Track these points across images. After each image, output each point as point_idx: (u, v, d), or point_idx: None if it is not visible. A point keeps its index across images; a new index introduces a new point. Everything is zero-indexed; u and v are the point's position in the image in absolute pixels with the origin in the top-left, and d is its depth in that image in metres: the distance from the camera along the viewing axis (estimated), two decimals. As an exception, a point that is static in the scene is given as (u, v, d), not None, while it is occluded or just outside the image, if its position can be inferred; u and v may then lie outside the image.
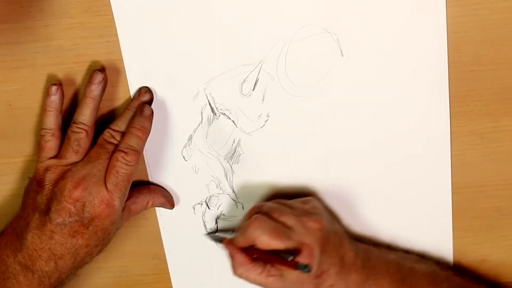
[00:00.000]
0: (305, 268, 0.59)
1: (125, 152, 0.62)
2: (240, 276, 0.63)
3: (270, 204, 0.65)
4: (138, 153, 0.63)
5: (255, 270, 0.62)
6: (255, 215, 0.63)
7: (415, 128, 0.67)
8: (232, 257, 0.63)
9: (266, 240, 0.61)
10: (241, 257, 0.62)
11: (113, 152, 0.63)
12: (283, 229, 0.62)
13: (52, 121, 0.63)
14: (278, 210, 0.63)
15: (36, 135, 0.66)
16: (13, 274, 0.62)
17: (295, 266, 0.60)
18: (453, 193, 0.69)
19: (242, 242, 0.63)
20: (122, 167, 0.62)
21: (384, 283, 0.65)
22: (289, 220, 0.63)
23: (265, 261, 0.62)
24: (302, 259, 0.61)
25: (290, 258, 0.61)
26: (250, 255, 0.62)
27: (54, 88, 0.63)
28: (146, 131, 0.63)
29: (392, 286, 0.65)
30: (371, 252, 0.67)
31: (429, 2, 0.62)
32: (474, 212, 0.70)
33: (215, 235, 0.70)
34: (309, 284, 0.63)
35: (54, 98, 0.63)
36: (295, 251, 0.61)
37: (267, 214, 0.63)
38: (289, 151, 0.68)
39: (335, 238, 0.64)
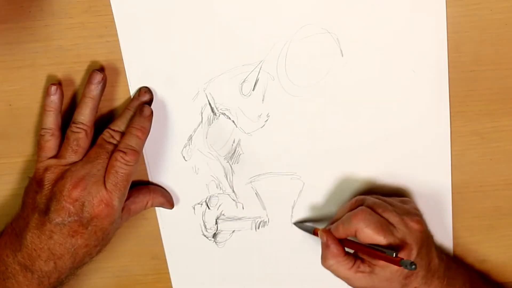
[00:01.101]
0: (412, 265, 0.59)
1: (124, 152, 0.62)
2: (329, 267, 0.64)
3: (373, 198, 0.65)
4: (137, 153, 0.63)
5: (346, 264, 0.63)
6: (360, 207, 0.63)
7: (415, 128, 0.67)
8: (327, 246, 0.63)
9: (370, 234, 0.61)
10: (336, 248, 0.63)
11: (113, 152, 0.63)
12: (387, 225, 0.62)
13: (51, 121, 0.63)
14: (381, 206, 0.64)
15: (36, 135, 0.66)
16: (13, 274, 0.62)
17: (400, 262, 0.59)
18: (453, 193, 0.69)
19: (342, 232, 0.63)
20: (121, 167, 0.62)
21: None
22: (392, 217, 0.63)
23: (361, 253, 0.63)
24: (401, 257, 0.61)
25: (393, 254, 0.60)
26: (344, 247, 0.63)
27: (53, 88, 0.63)
28: (146, 131, 0.63)
29: None
30: (451, 263, 0.68)
31: (429, 2, 0.62)
32: (474, 212, 0.70)
33: (305, 224, 0.70)
34: (396, 284, 0.63)
35: (54, 98, 0.63)
36: (395, 249, 0.61)
37: (371, 208, 0.63)
38: (289, 151, 0.68)
39: (428, 242, 0.65)
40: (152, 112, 0.64)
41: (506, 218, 0.71)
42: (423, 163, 0.68)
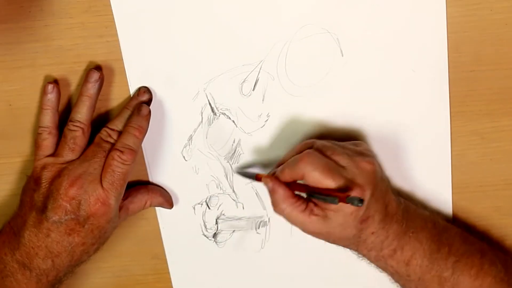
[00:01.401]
0: (359, 201, 0.56)
1: (121, 151, 0.62)
2: (282, 212, 0.61)
3: (322, 141, 0.62)
4: (135, 152, 0.62)
5: (298, 206, 0.61)
6: (307, 150, 0.61)
7: (415, 128, 0.67)
8: (274, 191, 0.61)
9: (317, 177, 0.59)
10: (285, 191, 0.61)
11: (110, 151, 0.63)
12: (336, 167, 0.60)
13: (48, 119, 0.63)
14: (331, 148, 0.61)
15: (35, 135, 0.66)
16: (11, 272, 0.62)
17: (347, 199, 0.57)
18: (453, 193, 0.69)
19: (288, 176, 0.61)
20: (118, 166, 0.62)
21: (422, 237, 0.63)
22: (342, 159, 0.60)
23: (309, 195, 0.60)
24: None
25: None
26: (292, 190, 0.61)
27: (50, 86, 0.63)
28: (143, 131, 0.63)
29: (429, 241, 0.63)
30: (410, 206, 0.66)
31: (429, 2, 0.62)
32: (474, 212, 0.70)
33: (245, 171, 0.68)
34: (352, 229, 0.61)
35: (51, 96, 0.63)
36: (345, 191, 0.59)
37: (320, 151, 0.61)
38: (286, 151, 0.67)
39: (382, 185, 0.62)
40: (150, 112, 0.64)
41: (506, 218, 0.70)
42: (423, 163, 0.68)
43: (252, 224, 0.71)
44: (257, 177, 0.65)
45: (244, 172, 0.68)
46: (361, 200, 0.56)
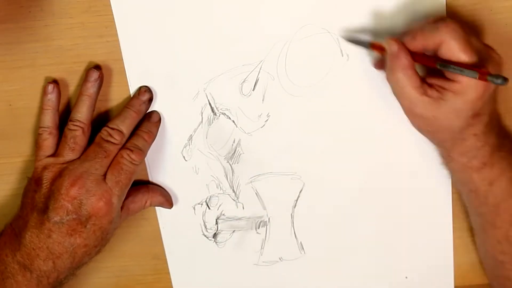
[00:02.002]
0: (504, 80, 0.52)
1: (131, 150, 0.62)
2: (395, 81, 0.57)
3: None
4: (143, 153, 0.63)
5: (414, 81, 0.56)
6: (449, 20, 0.56)
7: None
8: (396, 57, 0.57)
9: (456, 48, 0.55)
10: (408, 60, 0.56)
11: (111, 151, 0.63)
12: (475, 44, 0.56)
13: (49, 119, 0.63)
14: (467, 31, 0.57)
15: (36, 135, 0.66)
16: (12, 274, 0.62)
17: (488, 77, 0.52)
18: (453, 193, 0.69)
19: (420, 43, 0.57)
20: (127, 164, 0.62)
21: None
22: (478, 43, 0.57)
23: (431, 78, 0.56)
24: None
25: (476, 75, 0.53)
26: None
27: (50, 86, 0.63)
28: (152, 136, 0.64)
29: None
30: (505, 128, 0.64)
31: (430, 2, 0.62)
32: (474, 212, 0.67)
33: (358, 37, 0.62)
34: (462, 120, 0.57)
35: (51, 96, 0.63)
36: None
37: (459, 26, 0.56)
38: (289, 151, 0.68)
39: (495, 90, 0.59)
40: (160, 119, 0.65)
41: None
42: (423, 162, 0.68)
43: (252, 224, 0.71)
44: (372, 44, 0.60)
45: (354, 38, 0.62)
46: (505, 79, 0.52)
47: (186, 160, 0.69)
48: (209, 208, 0.71)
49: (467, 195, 0.63)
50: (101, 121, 0.66)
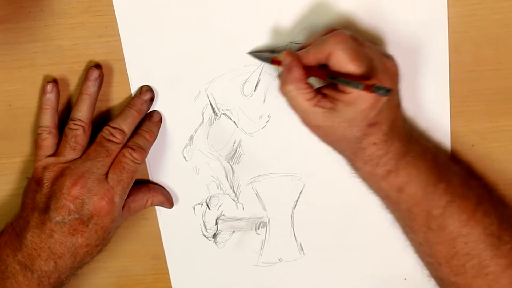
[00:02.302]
0: (386, 91, 0.52)
1: (133, 149, 0.62)
2: (287, 94, 0.57)
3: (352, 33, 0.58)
4: (145, 152, 0.63)
5: (306, 93, 0.57)
6: (338, 30, 0.57)
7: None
8: (289, 69, 0.57)
9: (344, 59, 0.55)
10: (299, 73, 0.56)
11: (113, 150, 0.62)
12: (364, 54, 0.56)
13: (48, 118, 0.63)
14: (360, 40, 0.57)
15: (35, 135, 0.66)
16: (12, 274, 0.61)
17: (372, 88, 0.53)
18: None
19: (312, 56, 0.57)
20: (128, 163, 0.62)
21: (420, 165, 0.60)
22: (370, 51, 0.57)
23: (325, 88, 0.57)
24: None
25: (361, 85, 0.53)
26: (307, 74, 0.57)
27: (49, 86, 0.63)
28: (153, 135, 0.64)
29: (427, 172, 0.60)
30: (414, 131, 0.64)
31: (431, 2, 0.62)
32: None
33: (262, 53, 0.62)
34: (357, 129, 0.57)
35: (50, 96, 0.63)
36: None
37: (350, 36, 0.56)
38: (290, 152, 0.68)
39: (396, 97, 0.60)
40: (161, 118, 0.65)
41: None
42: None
43: (252, 224, 0.71)
44: (273, 60, 0.60)
45: (258, 54, 0.63)
46: (387, 91, 0.52)
47: (186, 160, 0.68)
48: (209, 208, 0.70)
49: (382, 201, 0.63)
50: (102, 121, 0.66)
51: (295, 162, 0.68)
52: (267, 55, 0.61)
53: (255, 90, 0.66)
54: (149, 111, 0.66)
